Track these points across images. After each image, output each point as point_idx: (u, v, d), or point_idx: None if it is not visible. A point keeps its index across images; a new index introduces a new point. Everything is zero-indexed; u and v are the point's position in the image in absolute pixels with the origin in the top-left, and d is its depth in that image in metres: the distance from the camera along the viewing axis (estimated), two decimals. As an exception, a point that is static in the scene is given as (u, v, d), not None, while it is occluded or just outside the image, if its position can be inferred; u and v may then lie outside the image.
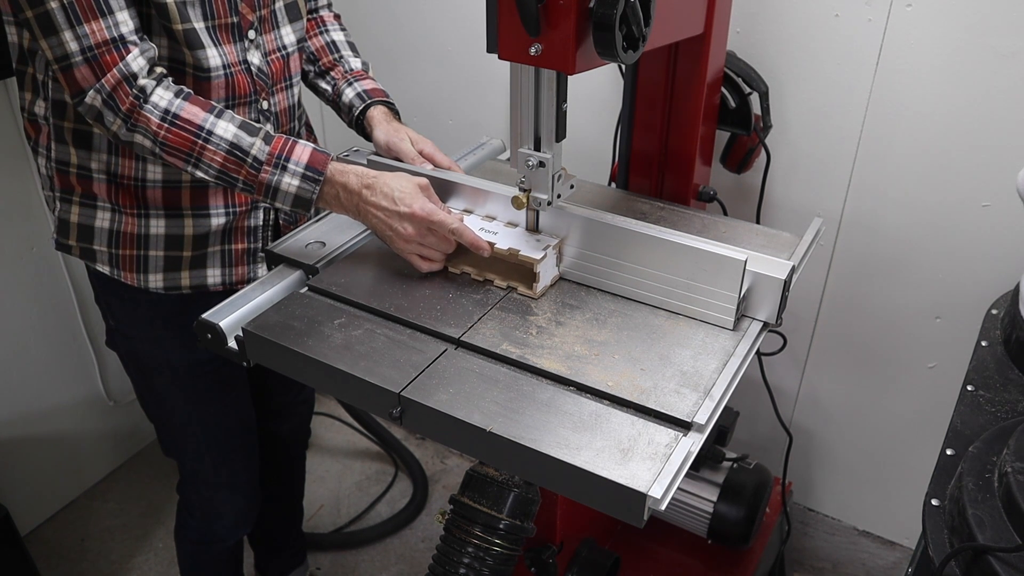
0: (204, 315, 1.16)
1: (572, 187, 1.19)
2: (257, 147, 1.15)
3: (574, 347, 1.08)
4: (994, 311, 1.35)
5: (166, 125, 1.11)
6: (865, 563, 2.01)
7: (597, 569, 1.55)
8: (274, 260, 1.28)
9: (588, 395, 1.01)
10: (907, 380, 1.73)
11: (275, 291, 1.23)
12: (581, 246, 1.20)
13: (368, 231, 1.31)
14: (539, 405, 0.99)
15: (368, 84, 1.47)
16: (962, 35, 1.39)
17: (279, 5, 1.31)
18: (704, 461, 1.69)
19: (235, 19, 1.21)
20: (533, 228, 1.23)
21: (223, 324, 1.16)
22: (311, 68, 1.48)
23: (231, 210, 1.31)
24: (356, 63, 1.50)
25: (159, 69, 1.13)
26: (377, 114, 1.42)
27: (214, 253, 1.33)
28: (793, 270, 1.12)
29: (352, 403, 2.24)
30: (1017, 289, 1.26)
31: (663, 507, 0.87)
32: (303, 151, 1.17)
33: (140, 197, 1.26)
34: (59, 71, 1.09)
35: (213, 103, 1.16)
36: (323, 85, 1.48)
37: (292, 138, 1.18)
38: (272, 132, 1.18)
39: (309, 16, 1.47)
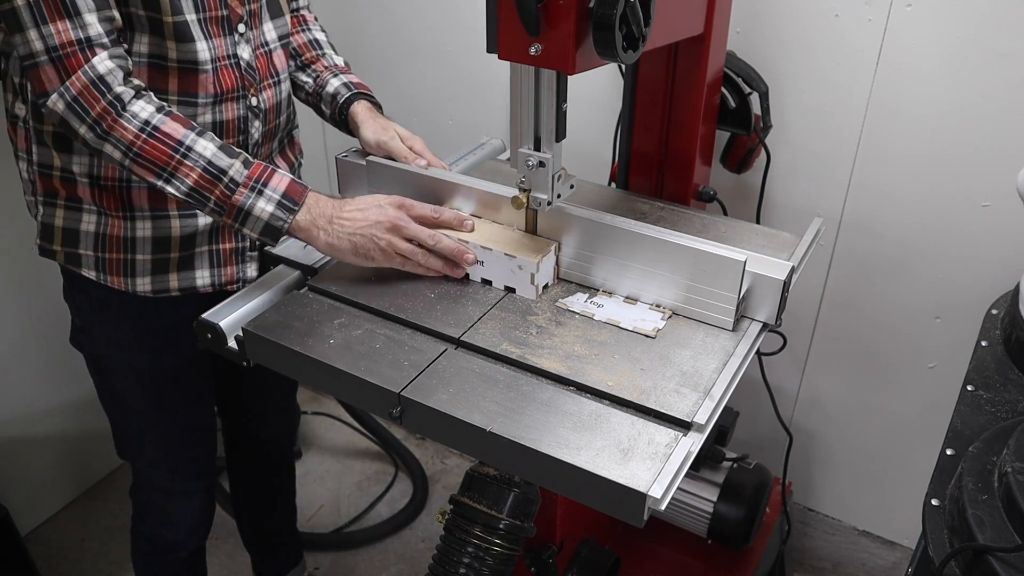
0: (204, 315, 1.16)
1: (572, 187, 1.19)
2: (235, 168, 1.13)
3: (574, 347, 1.08)
4: (994, 311, 1.35)
5: (144, 136, 1.08)
6: (865, 563, 2.01)
7: (597, 569, 1.55)
8: (274, 260, 1.28)
9: (588, 395, 1.01)
10: (907, 380, 1.73)
11: (275, 291, 1.23)
12: (581, 246, 1.20)
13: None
14: (539, 405, 0.99)
15: (354, 78, 1.46)
16: (962, 35, 1.39)
17: (263, 1, 1.29)
18: (704, 461, 1.69)
19: (224, 12, 1.19)
20: (532, 229, 1.23)
21: (223, 324, 1.16)
22: (292, 63, 1.45)
23: None
24: (339, 60, 1.50)
25: (137, 81, 1.10)
26: (362, 110, 1.40)
27: (202, 254, 1.30)
28: (793, 270, 1.12)
29: (352, 403, 2.25)
30: (1017, 289, 1.26)
31: (663, 507, 0.87)
32: (281, 180, 1.15)
33: (125, 199, 1.23)
34: (26, 69, 1.07)
35: (194, 123, 1.14)
36: (304, 78, 1.46)
37: (271, 166, 1.17)
38: (251, 159, 1.16)
39: (291, 14, 1.45)
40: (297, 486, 2.27)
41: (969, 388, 1.18)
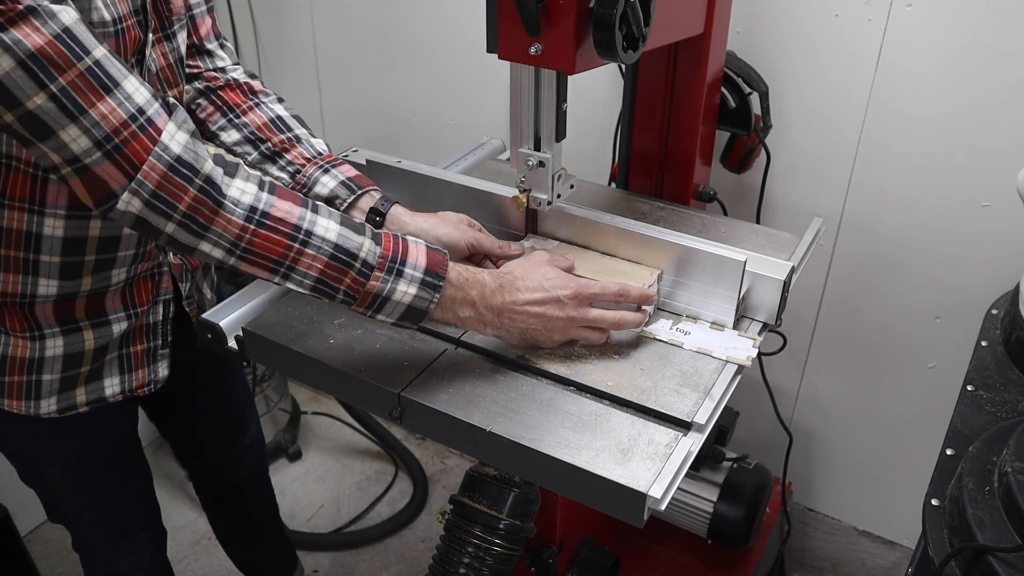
0: (204, 315, 1.16)
1: (572, 187, 1.19)
2: (367, 248, 0.91)
3: (574, 347, 1.08)
4: (994, 311, 1.35)
5: (252, 227, 0.87)
6: (865, 563, 2.01)
7: (597, 569, 1.55)
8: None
9: (588, 395, 1.01)
10: (907, 380, 1.73)
11: (275, 291, 1.23)
12: (581, 246, 1.20)
13: None
14: (539, 405, 0.99)
15: (349, 171, 1.19)
16: (962, 35, 1.39)
17: (180, 87, 1.11)
18: (704, 461, 1.69)
19: None
20: (532, 229, 1.23)
21: (223, 324, 1.16)
22: (250, 151, 1.21)
23: (132, 311, 1.14)
24: (320, 144, 1.23)
25: (214, 148, 0.91)
26: (406, 214, 1.16)
27: (111, 360, 1.15)
28: (793, 270, 1.12)
29: (352, 403, 2.25)
30: (1017, 289, 1.26)
31: (663, 507, 0.87)
32: (418, 250, 0.94)
33: (29, 317, 1.07)
34: (71, 177, 0.83)
35: (301, 195, 0.94)
36: (275, 172, 1.20)
37: (399, 234, 0.96)
38: (375, 229, 0.95)
39: (223, 85, 1.23)
40: (297, 486, 2.27)
41: (969, 388, 1.18)
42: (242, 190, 0.88)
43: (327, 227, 0.91)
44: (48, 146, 0.81)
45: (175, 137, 0.84)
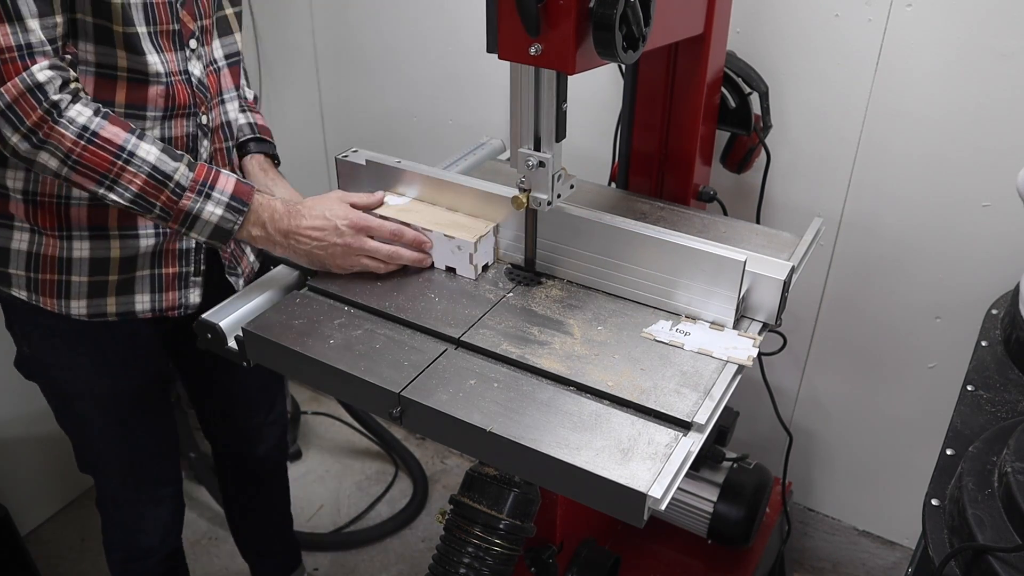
0: (204, 315, 1.16)
1: (572, 187, 1.19)
2: (181, 172, 1.10)
3: (574, 347, 1.08)
4: (994, 311, 1.35)
5: (82, 143, 1.04)
6: (865, 563, 2.01)
7: (597, 569, 1.55)
8: (274, 260, 1.28)
9: (588, 395, 1.01)
10: (907, 380, 1.73)
11: (275, 291, 1.23)
12: (581, 247, 1.20)
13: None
14: (539, 405, 0.99)
15: (259, 118, 1.43)
16: (962, 35, 1.39)
17: (214, 18, 1.26)
18: (704, 461, 1.69)
19: (176, 27, 1.15)
20: (532, 228, 1.23)
21: (223, 324, 1.16)
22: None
23: (161, 230, 1.24)
24: (249, 94, 1.46)
25: (75, 85, 1.06)
26: (254, 168, 1.38)
27: (143, 277, 1.25)
28: (793, 270, 1.12)
29: (352, 403, 2.25)
30: (1017, 289, 1.26)
31: (663, 507, 0.87)
32: (227, 181, 1.13)
33: (62, 217, 1.18)
34: None
35: (133, 125, 1.09)
36: None
37: (216, 168, 1.14)
38: (193, 160, 1.13)
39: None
40: (297, 486, 2.27)
41: (969, 388, 1.18)
42: (79, 112, 1.04)
43: (148, 151, 1.08)
44: None
45: (43, 71, 1.02)
